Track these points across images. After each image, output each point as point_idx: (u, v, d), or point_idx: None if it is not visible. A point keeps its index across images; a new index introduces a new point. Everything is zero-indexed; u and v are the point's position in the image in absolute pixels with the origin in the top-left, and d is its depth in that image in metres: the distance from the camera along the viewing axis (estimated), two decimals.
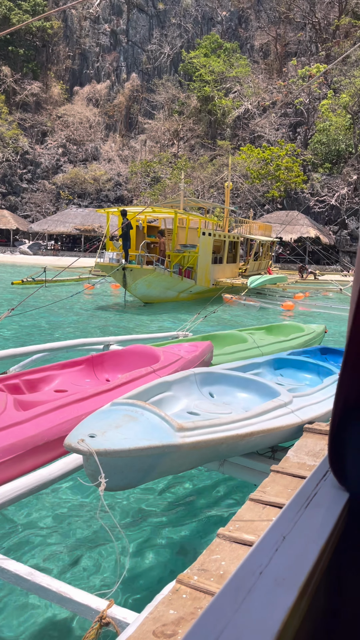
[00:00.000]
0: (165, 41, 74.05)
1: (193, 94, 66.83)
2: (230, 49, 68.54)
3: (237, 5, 72.85)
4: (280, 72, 66.47)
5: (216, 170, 58.85)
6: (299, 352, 6.10)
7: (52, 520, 4.15)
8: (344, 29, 63.65)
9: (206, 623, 0.75)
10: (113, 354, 5.51)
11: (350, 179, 52.30)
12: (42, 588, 2.54)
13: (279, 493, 2.67)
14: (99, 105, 72.18)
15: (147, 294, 20.45)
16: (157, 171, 62.85)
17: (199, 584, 2.01)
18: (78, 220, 57.03)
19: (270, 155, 53.54)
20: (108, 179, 64.48)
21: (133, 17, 75.39)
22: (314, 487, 1.25)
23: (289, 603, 0.80)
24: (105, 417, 2.96)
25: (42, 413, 3.52)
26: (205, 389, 4.20)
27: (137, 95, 72.74)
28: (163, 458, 2.84)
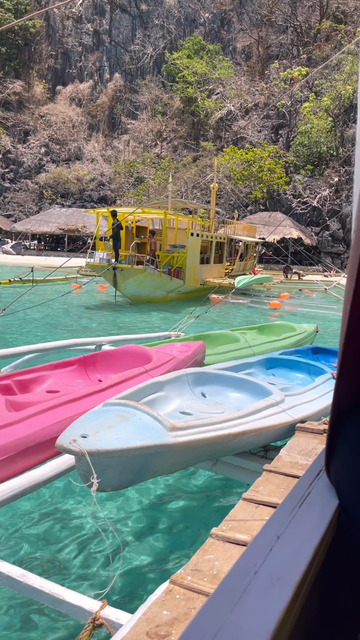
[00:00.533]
0: (148, 42, 73.93)
1: (176, 95, 66.90)
2: (213, 51, 68.80)
3: (219, 7, 73.06)
4: (262, 74, 66.89)
5: (199, 171, 59.08)
6: (290, 352, 6.13)
7: (45, 521, 4.11)
8: (325, 32, 64.32)
9: (201, 623, 0.75)
10: (105, 354, 5.49)
11: (332, 181, 52.96)
12: (35, 590, 2.52)
13: (272, 492, 2.67)
14: (81, 105, 71.78)
15: (136, 294, 20.64)
16: (141, 172, 62.78)
17: (193, 584, 2.00)
18: (62, 220, 56.66)
19: (253, 157, 53.86)
20: (91, 179, 64.22)
21: (116, 17, 75.14)
22: (308, 487, 1.25)
23: (285, 602, 0.80)
24: (98, 418, 2.94)
25: (34, 414, 3.48)
26: (198, 389, 4.20)
27: (120, 95, 72.53)
28: (155, 458, 2.83)
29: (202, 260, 24.71)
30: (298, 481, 1.29)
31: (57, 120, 68.97)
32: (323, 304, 21.53)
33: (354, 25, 61.95)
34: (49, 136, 68.66)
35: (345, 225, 50.01)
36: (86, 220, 56.19)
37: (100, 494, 3.91)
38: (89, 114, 71.52)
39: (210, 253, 25.79)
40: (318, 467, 1.35)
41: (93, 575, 3.48)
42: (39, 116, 69.69)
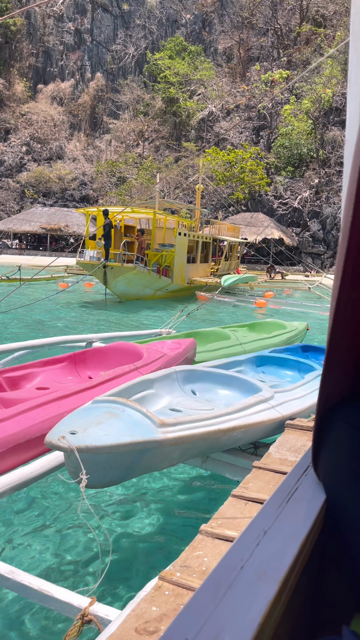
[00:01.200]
0: (129, 42, 73.68)
1: (158, 95, 66.85)
2: (195, 52, 68.94)
3: (201, 9, 73.20)
4: (243, 76, 67.24)
5: (181, 171, 59.23)
6: (280, 350, 6.16)
7: (33, 518, 4.08)
8: (305, 35, 64.91)
9: (187, 617, 0.75)
10: (96, 351, 5.45)
11: (312, 182, 53.54)
12: (24, 586, 2.49)
13: (261, 489, 2.68)
14: (63, 104, 71.26)
15: (125, 292, 20.91)
16: (123, 171, 62.62)
17: (182, 580, 1.99)
18: (44, 219, 56.14)
19: (235, 158, 54.06)
20: (73, 178, 63.83)
21: (97, 16, 74.77)
22: (295, 482, 1.26)
23: (270, 597, 0.80)
24: (87, 415, 2.93)
25: (23, 411, 3.45)
26: (188, 387, 4.20)
27: (102, 95, 72.18)
28: (145, 454, 2.83)
29: (189, 260, 25.09)
30: (286, 477, 1.30)
31: (38, 119, 68.32)
32: (307, 302, 21.87)
33: (333, 29, 62.62)
34: (30, 135, 68.00)
35: (326, 226, 50.54)
36: (69, 219, 55.82)
37: (90, 490, 3.88)
38: (70, 113, 71.02)
39: (196, 252, 26.23)
40: (306, 463, 1.36)
41: (82, 572, 3.47)
42: (20, 114, 68.99)
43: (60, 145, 67.82)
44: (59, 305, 18.89)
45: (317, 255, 49.93)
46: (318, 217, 51.28)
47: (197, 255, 26.26)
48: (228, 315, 18.69)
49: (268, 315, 18.87)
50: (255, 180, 53.64)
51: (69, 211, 57.57)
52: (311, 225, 50.92)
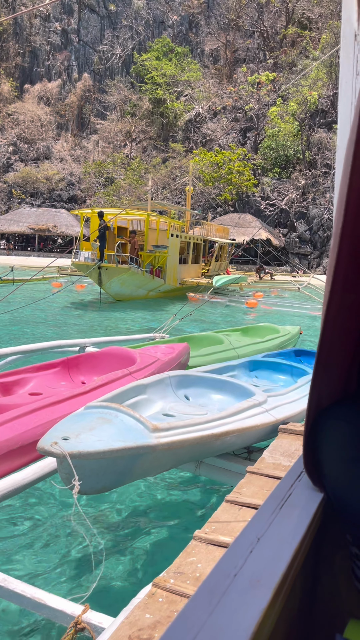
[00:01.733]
0: (116, 42, 73.44)
1: (145, 96, 66.78)
2: (182, 53, 69.03)
3: (187, 10, 73.25)
4: (230, 77, 67.39)
5: (169, 172, 59.32)
6: (273, 354, 6.15)
7: (26, 525, 4.02)
8: (291, 38, 65.23)
9: (181, 626, 0.74)
10: (89, 356, 5.40)
11: (299, 183, 53.84)
12: (16, 594, 2.47)
13: (255, 494, 2.67)
14: (50, 104, 70.88)
15: (119, 292, 21.17)
16: (111, 172, 62.49)
17: (175, 587, 1.98)
18: (32, 220, 55.93)
19: (223, 159, 54.18)
20: (60, 179, 63.59)
21: (84, 17, 74.43)
22: (289, 488, 1.25)
23: (264, 604, 0.80)
24: (79, 420, 2.90)
25: (16, 416, 3.41)
26: (181, 392, 4.18)
27: (89, 95, 71.88)
28: (138, 460, 2.80)
29: (181, 261, 25.45)
30: (279, 482, 1.29)
31: (25, 119, 67.84)
32: (297, 302, 22.37)
33: (318, 31, 63.04)
34: (17, 135, 67.54)
35: (312, 227, 50.92)
36: (57, 219, 55.72)
37: (83, 496, 3.85)
38: (57, 113, 70.64)
39: (187, 253, 26.59)
40: (299, 468, 1.35)
41: (75, 579, 3.42)
42: (7, 114, 68.52)
43: (48, 146, 67.46)
44: (55, 307, 18.92)
45: (304, 256, 50.30)
46: (305, 218, 51.64)
47: (188, 256, 26.60)
48: (220, 316, 18.88)
49: (259, 316, 19.32)
50: (243, 181, 53.86)
51: (57, 211, 57.44)
52: (298, 226, 51.31)
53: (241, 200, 54.71)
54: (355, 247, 1.07)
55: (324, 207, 50.82)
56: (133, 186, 58.65)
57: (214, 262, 31.16)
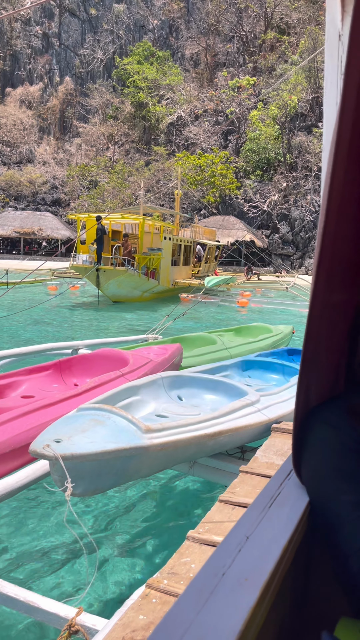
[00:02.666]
0: (97, 46, 73.07)
1: (127, 99, 66.73)
2: (163, 57, 69.09)
3: (167, 15, 73.25)
4: (210, 81, 67.65)
5: (152, 175, 59.33)
6: (266, 354, 6.12)
7: (19, 528, 3.96)
8: (270, 42, 65.75)
9: (169, 625, 0.74)
10: (81, 358, 5.34)
11: (281, 186, 54.21)
12: (9, 598, 2.43)
13: (248, 493, 2.65)
14: (32, 108, 70.28)
15: (116, 294, 21.81)
16: (95, 175, 62.34)
17: (169, 587, 1.96)
18: (17, 223, 55.50)
19: (206, 162, 54.35)
20: (44, 182, 63.25)
21: (65, 21, 73.95)
22: (278, 487, 1.25)
23: (251, 602, 0.80)
24: (72, 422, 2.87)
25: (8, 420, 3.35)
26: (174, 392, 4.14)
27: (71, 98, 71.47)
28: (131, 461, 2.78)
29: (172, 262, 26.14)
30: (269, 481, 1.29)
31: (7, 123, 67.07)
32: (287, 301, 23.23)
33: (296, 36, 63.54)
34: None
35: (294, 228, 51.38)
36: (42, 223, 55.45)
37: (76, 498, 3.80)
38: (39, 117, 70.07)
39: (178, 255, 27.25)
40: (289, 467, 1.34)
41: (69, 581, 3.38)
42: None
43: (30, 149, 66.91)
44: (52, 309, 19.25)
45: (287, 257, 50.75)
46: (287, 219, 52.07)
47: (179, 258, 27.27)
48: (213, 315, 19.38)
49: (252, 314, 20.01)
50: (226, 184, 54.10)
51: (42, 215, 57.18)
52: (280, 227, 51.72)
53: (224, 202, 54.93)
54: (336, 247, 1.08)
55: (305, 209, 51.26)
56: (117, 189, 58.50)
57: (203, 263, 31.90)
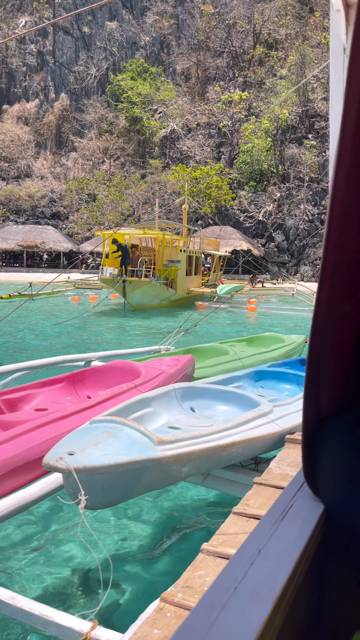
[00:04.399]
0: (91, 63, 73.59)
1: (121, 114, 67.39)
2: (156, 73, 69.83)
3: (158, 32, 74.06)
4: (202, 95, 68.48)
5: (148, 187, 59.93)
6: (279, 364, 6.01)
7: (33, 541, 3.89)
8: (258, 57, 66.67)
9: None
10: (94, 371, 5.27)
11: (275, 196, 54.83)
12: (24, 612, 2.37)
13: (262, 505, 2.58)
14: (28, 124, 70.57)
15: (139, 302, 23.47)
16: (93, 189, 62.83)
17: (183, 601, 1.90)
18: (20, 237, 56.27)
19: (201, 175, 55.03)
20: (42, 196, 63.64)
21: (59, 38, 74.48)
22: (290, 499, 1.21)
23: (264, 617, 0.77)
24: (85, 435, 2.82)
25: (22, 433, 3.29)
26: (186, 404, 4.07)
27: (67, 114, 71.88)
28: (144, 473, 2.73)
29: (187, 273, 27.81)
30: (281, 494, 1.25)
31: (5, 139, 67.25)
32: (296, 306, 24.29)
33: (284, 51, 64.24)
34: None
35: (289, 237, 52.14)
36: (44, 236, 56.32)
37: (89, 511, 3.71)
38: (36, 132, 70.46)
39: (190, 266, 28.78)
40: (301, 479, 1.30)
41: (83, 595, 3.31)
42: None
43: (28, 164, 67.27)
44: (87, 317, 20.94)
45: (283, 264, 51.42)
46: (282, 228, 52.83)
47: (190, 268, 28.87)
48: (224, 320, 20.88)
49: (260, 318, 21.70)
50: (221, 195, 54.67)
51: (44, 228, 57.99)
52: (275, 236, 52.46)
53: (221, 213, 55.57)
54: (340, 259, 1.07)
55: (299, 218, 51.99)
56: (116, 202, 59.15)
57: (212, 272, 34.04)
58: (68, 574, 3.49)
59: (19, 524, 4.11)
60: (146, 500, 4.54)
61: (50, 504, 4.33)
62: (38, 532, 4.00)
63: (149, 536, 3.99)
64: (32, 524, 4.14)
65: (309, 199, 52.93)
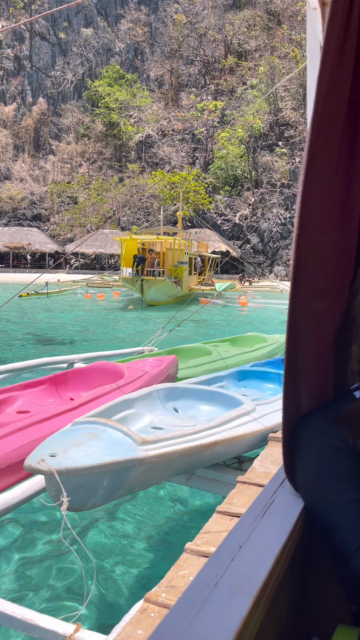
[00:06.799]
0: (68, 68, 73.32)
1: (98, 119, 67.41)
2: (131, 80, 70.07)
3: (132, 39, 74.26)
4: (175, 101, 68.92)
5: (127, 190, 60.64)
6: (262, 364, 5.95)
7: (15, 544, 3.76)
8: (229, 66, 67.40)
9: (160, 637, 0.71)
10: (77, 372, 5.13)
11: (250, 201, 56.06)
12: (6, 616, 2.27)
13: (246, 504, 2.52)
14: (7, 127, 69.98)
15: (153, 298, 26.06)
16: (75, 192, 62.82)
17: (167, 601, 1.84)
18: (6, 238, 56.77)
19: (180, 179, 55.74)
20: (22, 198, 63.33)
21: (35, 44, 73.89)
22: (272, 495, 1.20)
23: (244, 612, 0.76)
24: (67, 437, 2.72)
25: (3, 435, 3.17)
26: (170, 404, 3.99)
27: (45, 118, 71.43)
28: (127, 473, 2.64)
29: (189, 272, 31.21)
30: (262, 490, 1.24)
31: None
32: (280, 301, 26.91)
33: (254, 61, 65.04)
34: None
35: (264, 239, 53.94)
36: (30, 237, 56.81)
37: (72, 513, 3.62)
38: (15, 136, 69.83)
39: (191, 267, 32.28)
40: (282, 475, 1.28)
41: (66, 598, 3.20)
42: None
43: (7, 167, 66.68)
44: (96, 312, 23.74)
45: (258, 264, 52.96)
46: (257, 231, 54.53)
47: (191, 268, 32.40)
48: (220, 312, 24.11)
49: (252, 313, 24.25)
50: (199, 199, 55.46)
51: (29, 230, 58.47)
52: (251, 238, 54.24)
53: (198, 216, 56.19)
54: (315, 254, 1.07)
55: (272, 222, 53.62)
56: (98, 205, 59.91)
57: (207, 272, 37.97)
58: (51, 576, 3.38)
59: (0, 528, 4.00)
60: (130, 501, 4.44)
61: (33, 506, 4.22)
62: (20, 535, 3.87)
63: (132, 537, 3.90)
64: (14, 527, 4.00)
65: (281, 204, 54.38)
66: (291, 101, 58.08)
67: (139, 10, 74.52)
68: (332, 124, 1.03)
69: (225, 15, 68.26)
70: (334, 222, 1.12)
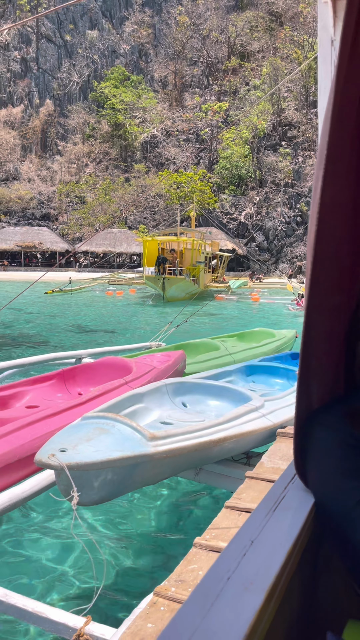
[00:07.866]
0: (74, 70, 73.56)
1: (104, 120, 67.63)
2: (137, 81, 70.27)
3: (137, 41, 74.38)
4: (179, 101, 68.92)
5: (133, 190, 60.88)
6: (270, 359, 5.90)
7: (26, 538, 3.74)
8: (232, 67, 67.36)
9: (173, 631, 0.71)
10: (85, 367, 5.11)
11: (255, 200, 56.16)
12: (18, 609, 2.28)
13: (254, 499, 2.52)
14: (15, 128, 70.13)
15: (173, 295, 27.55)
16: (84, 192, 62.99)
17: (177, 595, 1.86)
18: (18, 238, 57.51)
19: (185, 180, 55.86)
20: (31, 198, 63.58)
21: (42, 46, 74.22)
22: (282, 491, 1.19)
23: (257, 607, 0.76)
24: (76, 432, 2.71)
25: (13, 430, 3.16)
26: (178, 399, 3.96)
27: (52, 119, 71.61)
28: (136, 469, 2.63)
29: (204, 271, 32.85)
30: (273, 485, 1.22)
31: None
32: (290, 296, 28.12)
33: (257, 62, 64.87)
34: None
35: (269, 237, 54.12)
36: (41, 237, 57.46)
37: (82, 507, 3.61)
38: (23, 137, 70.07)
39: (206, 265, 33.45)
40: (292, 471, 1.27)
41: (77, 591, 3.19)
42: None
43: (16, 167, 66.96)
44: (120, 307, 25.58)
45: (263, 262, 53.02)
46: (262, 229, 54.65)
47: (206, 267, 33.54)
48: (234, 308, 25.52)
49: (263, 307, 25.58)
50: (205, 199, 55.50)
51: (40, 230, 59.09)
52: (256, 236, 54.43)
53: (204, 214, 56.25)
54: (330, 251, 1.06)
55: (277, 220, 53.74)
56: (106, 205, 60.29)
57: (220, 270, 39.40)
58: (61, 570, 3.37)
59: (11, 521, 3.97)
60: (139, 495, 4.42)
61: (43, 500, 4.21)
62: (30, 530, 3.86)
63: (141, 531, 3.88)
64: (24, 520, 4.00)
65: (285, 202, 54.42)
66: (294, 102, 58.05)
67: (143, 12, 74.67)
68: (349, 117, 1.01)
69: (228, 16, 68.25)
70: (348, 218, 1.11)
